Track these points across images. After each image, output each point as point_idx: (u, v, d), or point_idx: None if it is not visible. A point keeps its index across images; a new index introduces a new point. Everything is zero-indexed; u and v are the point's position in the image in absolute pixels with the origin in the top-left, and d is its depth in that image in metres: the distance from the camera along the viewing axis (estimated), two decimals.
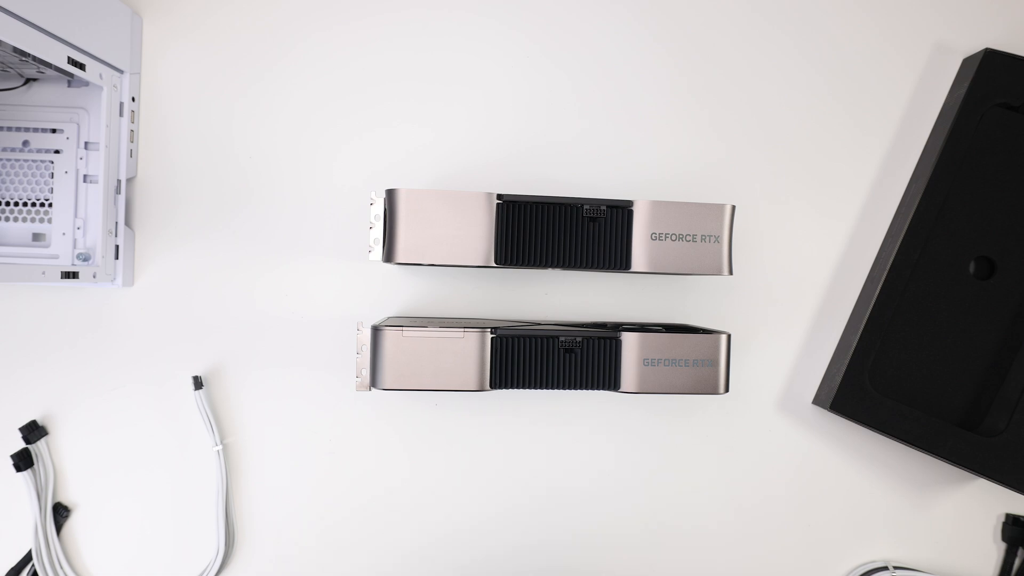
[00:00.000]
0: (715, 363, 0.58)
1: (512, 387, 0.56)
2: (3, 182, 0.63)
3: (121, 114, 0.63)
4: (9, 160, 0.63)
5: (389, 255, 0.55)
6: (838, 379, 0.66)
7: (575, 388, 0.57)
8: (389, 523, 0.67)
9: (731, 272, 0.59)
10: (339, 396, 0.67)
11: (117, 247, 0.64)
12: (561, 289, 0.69)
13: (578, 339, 0.57)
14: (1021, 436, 0.64)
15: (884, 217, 0.70)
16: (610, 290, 0.69)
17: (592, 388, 0.57)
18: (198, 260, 0.67)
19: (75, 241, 0.63)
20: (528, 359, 0.56)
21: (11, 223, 0.63)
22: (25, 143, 0.63)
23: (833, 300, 0.70)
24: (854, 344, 0.66)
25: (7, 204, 0.63)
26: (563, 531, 0.68)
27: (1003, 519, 0.70)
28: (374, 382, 0.56)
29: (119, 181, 0.63)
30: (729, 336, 0.59)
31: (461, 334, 0.55)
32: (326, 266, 0.67)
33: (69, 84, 0.63)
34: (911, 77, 0.71)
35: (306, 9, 0.67)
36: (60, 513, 0.65)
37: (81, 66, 0.57)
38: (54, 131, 0.63)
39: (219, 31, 0.67)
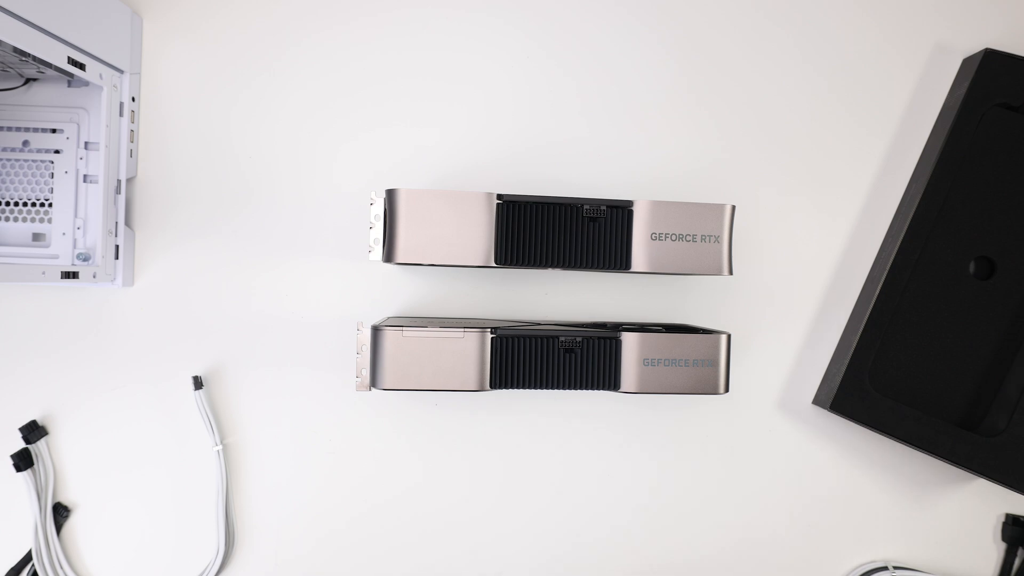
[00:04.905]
0: (715, 363, 0.58)
1: (512, 387, 0.56)
2: (3, 182, 0.63)
3: (121, 114, 0.63)
4: (9, 160, 0.63)
5: (389, 255, 0.55)
6: (838, 379, 0.66)
7: (575, 388, 0.57)
8: (388, 522, 0.67)
9: (731, 272, 0.59)
10: (339, 396, 0.67)
11: (117, 247, 0.64)
12: (561, 289, 0.69)
13: (578, 339, 0.57)
14: (1021, 436, 0.64)
15: (884, 217, 0.70)
16: (610, 290, 0.69)
17: (592, 388, 0.57)
18: (198, 260, 0.67)
19: (75, 241, 0.63)
20: (528, 359, 0.56)
21: (11, 223, 0.63)
22: (25, 143, 0.63)
23: (833, 300, 0.70)
24: (854, 344, 0.66)
25: (7, 204, 0.63)
26: (563, 530, 0.68)
27: (1003, 519, 0.70)
28: (374, 382, 0.56)
29: (119, 181, 0.63)
30: (729, 336, 0.59)
31: (461, 334, 0.55)
32: (326, 266, 0.67)
33: (69, 84, 0.63)
34: (911, 77, 0.71)
35: (306, 9, 0.67)
36: (60, 513, 0.65)
37: (81, 66, 0.57)
38: (54, 131, 0.63)
39: (219, 31, 0.67)
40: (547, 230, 0.56)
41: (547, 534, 0.68)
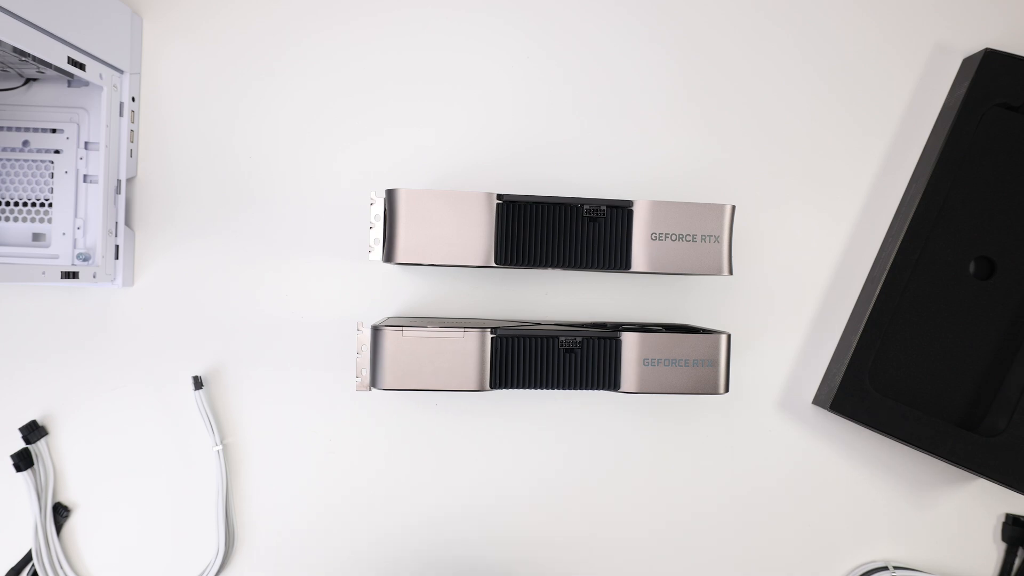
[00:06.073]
0: (715, 363, 0.58)
1: (512, 387, 0.56)
2: (3, 182, 0.63)
3: (121, 114, 0.63)
4: (9, 160, 0.63)
5: (389, 255, 0.55)
6: (838, 379, 0.66)
7: (575, 388, 0.57)
8: (388, 522, 0.67)
9: (731, 272, 0.59)
10: (339, 396, 0.67)
11: (117, 247, 0.64)
12: (561, 289, 0.69)
13: (578, 339, 0.57)
14: (1021, 436, 0.64)
15: (884, 217, 0.70)
16: (610, 290, 0.69)
17: (592, 388, 0.57)
18: (198, 260, 0.67)
19: (75, 241, 0.63)
20: (528, 359, 0.56)
21: (11, 223, 0.63)
22: (25, 143, 0.63)
23: (833, 300, 0.70)
24: (854, 344, 0.66)
25: (7, 204, 0.63)
26: (563, 530, 0.68)
27: (1003, 519, 0.70)
28: (374, 382, 0.56)
29: (119, 181, 0.63)
30: (729, 336, 0.59)
31: (461, 334, 0.55)
32: (326, 266, 0.67)
33: (69, 84, 0.63)
34: (911, 77, 0.71)
35: (306, 9, 0.67)
36: (60, 513, 0.65)
37: (81, 66, 0.57)
38: (54, 131, 0.63)
39: (219, 31, 0.67)
40: (547, 230, 0.56)
41: (547, 534, 0.68)
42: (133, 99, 0.64)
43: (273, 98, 0.67)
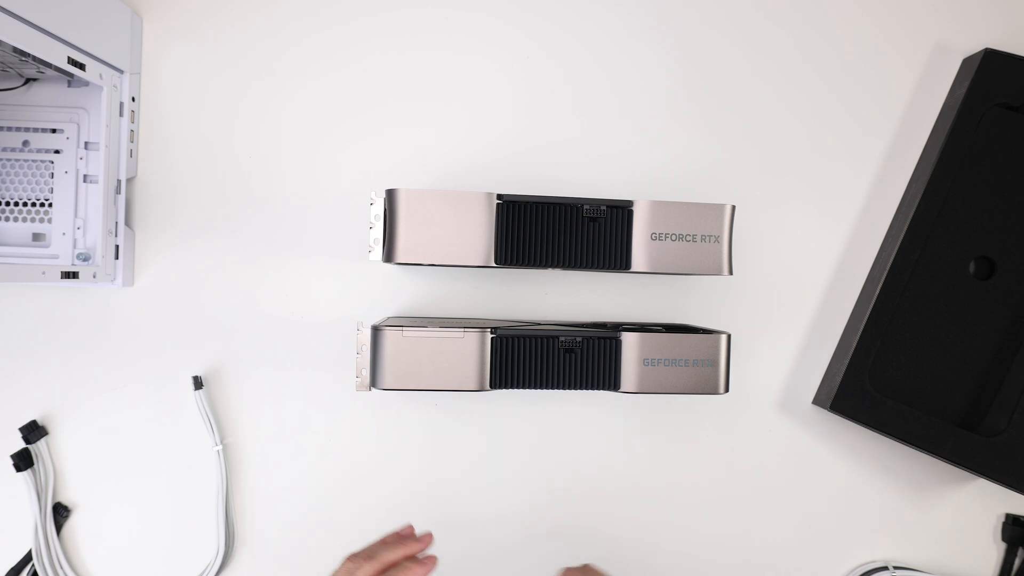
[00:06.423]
0: (715, 363, 0.58)
1: (512, 387, 0.56)
2: (3, 182, 0.63)
3: (121, 114, 0.63)
4: (9, 160, 0.63)
5: (389, 255, 0.55)
6: (838, 379, 0.66)
7: (575, 388, 0.57)
8: (389, 522, 0.67)
9: (731, 272, 0.58)
10: (339, 396, 0.67)
11: (117, 247, 0.64)
12: (561, 289, 0.69)
13: (578, 339, 0.57)
14: (1021, 436, 0.64)
15: (884, 217, 0.70)
16: (610, 290, 0.69)
17: (592, 388, 0.57)
18: (198, 260, 0.67)
19: (75, 241, 0.63)
20: (528, 359, 0.56)
21: (11, 223, 0.63)
22: (25, 143, 0.63)
23: (833, 300, 0.70)
24: (854, 344, 0.66)
25: (7, 204, 0.63)
26: (562, 530, 0.68)
27: (1003, 519, 0.70)
28: (374, 382, 0.56)
29: (119, 181, 0.63)
30: (729, 336, 0.59)
31: (461, 334, 0.55)
32: (326, 266, 0.67)
33: (69, 84, 0.63)
34: (911, 77, 0.71)
35: (306, 9, 0.67)
36: (60, 513, 0.65)
37: (81, 66, 0.57)
38: (54, 131, 0.63)
39: (219, 31, 0.67)
40: (547, 230, 0.56)
41: (547, 533, 0.68)
42: (133, 99, 0.64)
43: (273, 98, 0.67)
